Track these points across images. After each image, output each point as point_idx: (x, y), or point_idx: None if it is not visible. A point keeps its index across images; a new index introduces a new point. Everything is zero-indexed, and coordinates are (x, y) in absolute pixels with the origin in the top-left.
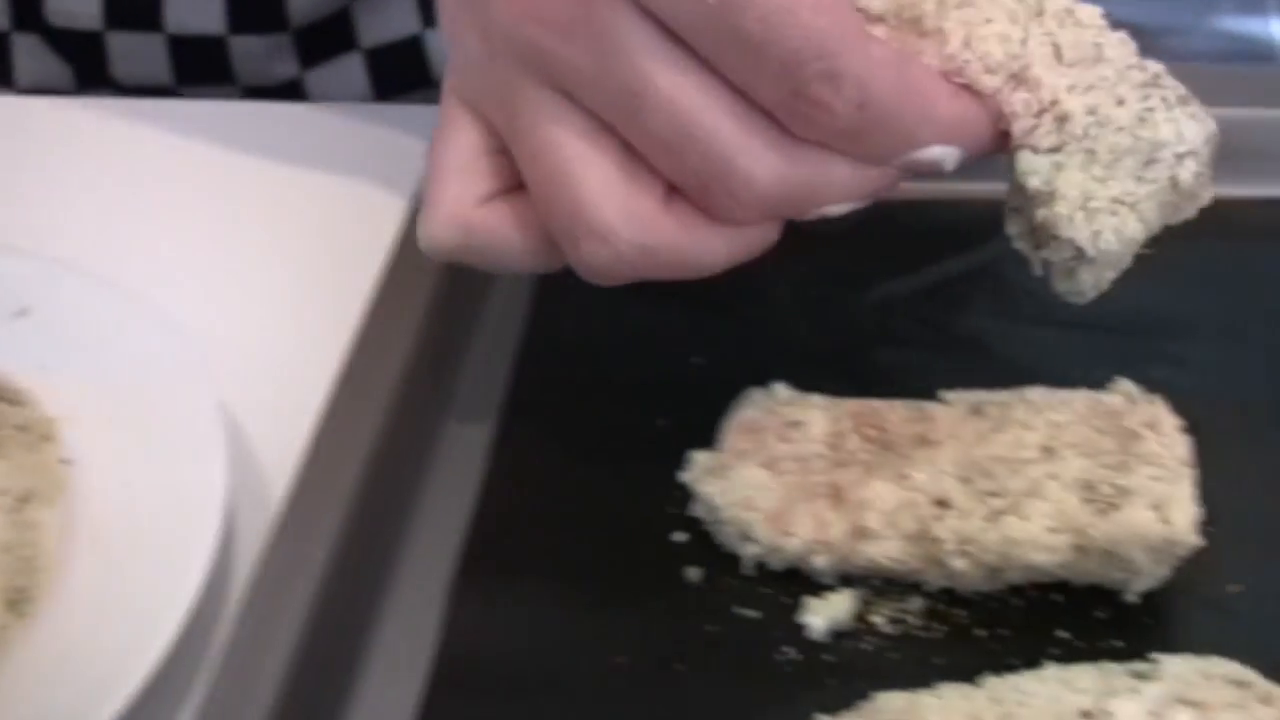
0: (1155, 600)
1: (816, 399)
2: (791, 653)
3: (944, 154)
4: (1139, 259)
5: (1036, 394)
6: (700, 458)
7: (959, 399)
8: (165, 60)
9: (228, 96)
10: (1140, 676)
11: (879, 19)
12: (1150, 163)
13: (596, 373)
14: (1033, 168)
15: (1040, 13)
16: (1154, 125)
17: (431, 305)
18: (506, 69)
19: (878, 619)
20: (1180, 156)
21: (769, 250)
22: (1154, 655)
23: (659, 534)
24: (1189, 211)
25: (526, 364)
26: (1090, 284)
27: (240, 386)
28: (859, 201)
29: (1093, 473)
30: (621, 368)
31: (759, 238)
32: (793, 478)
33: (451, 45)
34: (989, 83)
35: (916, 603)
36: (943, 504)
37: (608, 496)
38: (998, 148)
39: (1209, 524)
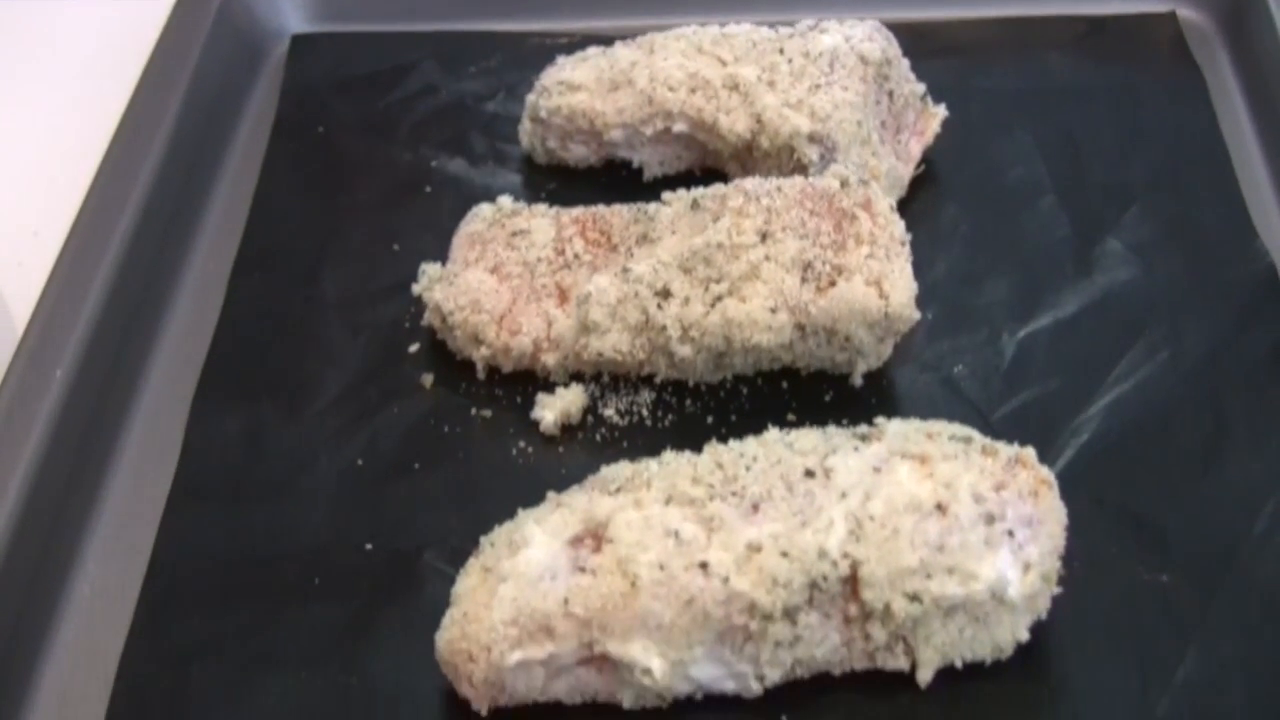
0: (880, 381)
1: (541, 208)
2: (526, 446)
3: None
4: None
5: (751, 183)
6: (430, 269)
7: (678, 197)
8: None
9: None
10: (863, 438)
11: (579, 87)
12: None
13: (333, 195)
14: (730, 125)
15: (700, 49)
16: (818, 41)
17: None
18: None
19: (609, 412)
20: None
21: None
22: (879, 419)
23: (394, 346)
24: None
25: (262, 195)
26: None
27: None
28: None
29: (810, 253)
30: (357, 192)
31: None
32: (520, 281)
33: None
34: (674, 97)
35: (646, 395)
36: (665, 293)
37: (343, 314)
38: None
39: (931, 305)
